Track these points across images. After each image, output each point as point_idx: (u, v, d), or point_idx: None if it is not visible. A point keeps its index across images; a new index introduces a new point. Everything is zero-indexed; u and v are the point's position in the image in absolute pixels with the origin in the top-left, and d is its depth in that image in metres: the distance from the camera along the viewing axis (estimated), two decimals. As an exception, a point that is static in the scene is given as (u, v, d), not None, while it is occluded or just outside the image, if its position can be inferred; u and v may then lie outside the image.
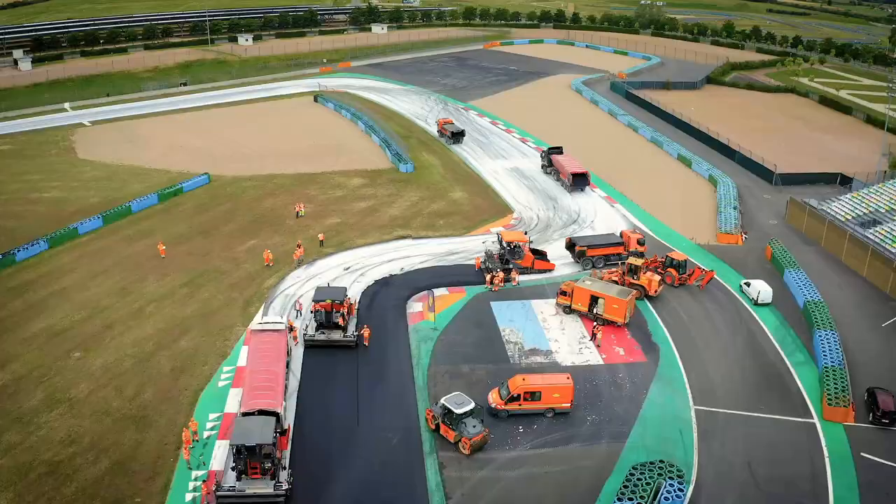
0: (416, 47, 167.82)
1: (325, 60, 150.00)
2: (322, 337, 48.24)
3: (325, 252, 62.35)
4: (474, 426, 38.65)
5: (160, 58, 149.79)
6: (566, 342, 49.97)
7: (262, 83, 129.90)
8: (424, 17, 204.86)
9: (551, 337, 50.42)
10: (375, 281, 57.08)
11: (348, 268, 59.32)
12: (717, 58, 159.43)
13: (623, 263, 57.78)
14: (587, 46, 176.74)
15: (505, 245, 58.72)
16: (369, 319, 51.29)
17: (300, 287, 56.11)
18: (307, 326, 49.33)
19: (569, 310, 52.81)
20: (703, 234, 68.62)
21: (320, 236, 63.66)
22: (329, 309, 48.77)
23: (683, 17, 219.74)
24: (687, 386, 46.22)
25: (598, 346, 49.31)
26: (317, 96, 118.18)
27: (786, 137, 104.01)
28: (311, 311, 49.29)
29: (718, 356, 49.59)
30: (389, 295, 55.07)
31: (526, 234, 61.54)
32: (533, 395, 40.97)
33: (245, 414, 37.43)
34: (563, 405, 41.61)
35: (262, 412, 37.09)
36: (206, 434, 40.63)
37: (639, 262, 55.43)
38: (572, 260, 60.48)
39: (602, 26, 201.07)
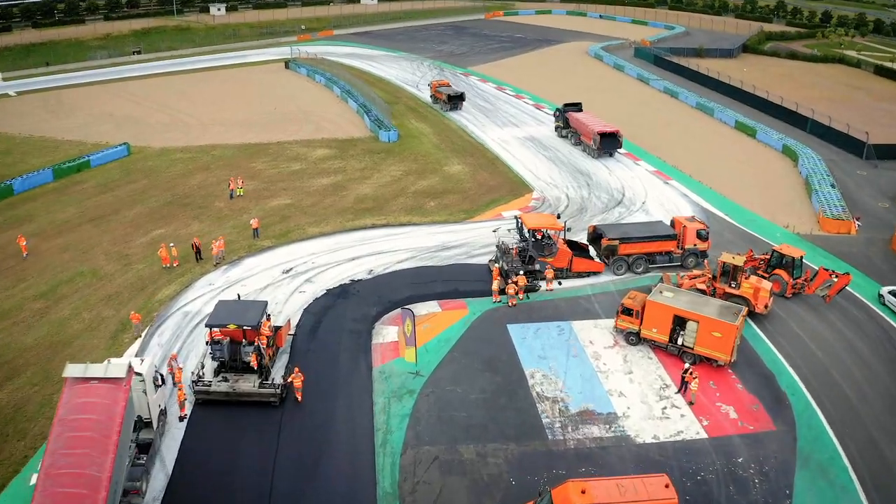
0: (408, 16, 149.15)
1: (302, 27, 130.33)
2: (223, 387, 28.44)
3: (260, 245, 42.47)
4: None
5: (114, 26, 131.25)
6: (638, 396, 29.93)
7: (229, 51, 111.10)
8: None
9: (612, 387, 30.34)
10: (327, 291, 37.07)
11: (289, 269, 39.35)
12: (749, 28, 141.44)
13: (698, 261, 38.11)
14: (600, 17, 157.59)
15: (528, 235, 38.79)
16: (309, 357, 31.47)
17: (211, 300, 36.18)
18: (201, 368, 29.40)
19: (636, 338, 32.90)
20: (795, 219, 48.97)
21: (253, 223, 43.73)
22: (240, 338, 29.06)
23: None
24: (853, 476, 26.46)
25: (691, 404, 29.46)
26: (288, 62, 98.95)
27: (854, 107, 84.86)
28: (208, 342, 29.43)
29: (886, 415, 29.82)
30: (346, 314, 34.90)
31: (559, 217, 41.24)
32: (602, 525, 20.97)
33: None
34: (659, 538, 21.67)
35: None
36: None
37: (739, 259, 35.46)
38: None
39: (614, 0, 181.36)
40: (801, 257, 38.30)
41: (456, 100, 74.87)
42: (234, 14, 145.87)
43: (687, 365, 29.87)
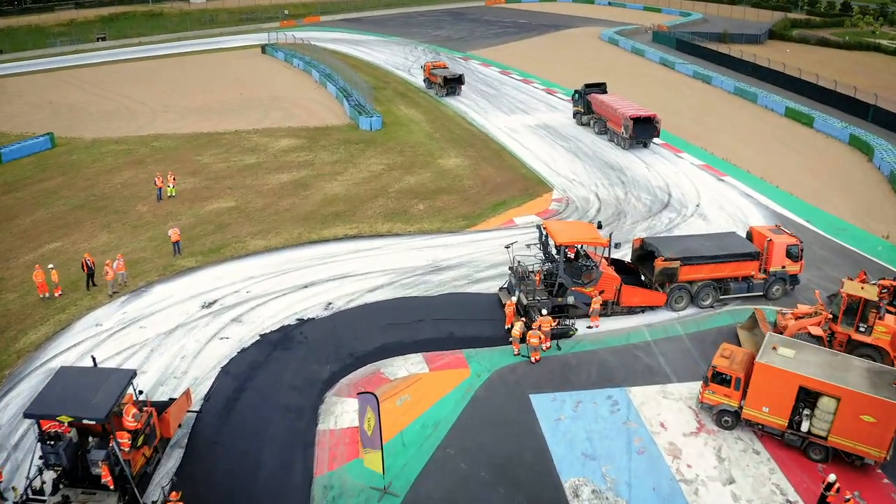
0: (401, 2, 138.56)
1: (285, 12, 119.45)
2: (58, 520, 17.01)
3: (179, 266, 30.88)
4: None
5: (80, 12, 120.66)
6: (751, 527, 18.48)
7: (203, 37, 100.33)
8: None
9: (708, 511, 18.84)
10: (262, 336, 25.47)
11: (212, 302, 27.79)
12: (772, 16, 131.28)
13: (787, 290, 26.60)
14: (609, 3, 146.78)
15: (556, 252, 27.19)
16: (215, 455, 19.93)
17: (94, 348, 24.71)
18: (39, 474, 17.90)
19: (733, 419, 21.35)
20: (893, 227, 37.56)
21: (172, 234, 32.03)
22: (101, 431, 17.61)
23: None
24: None
25: (838, 539, 18.00)
26: (265, 47, 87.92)
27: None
28: (38, 438, 17.88)
29: None
30: (283, 377, 23.17)
31: (601, 227, 29.26)
32: None
33: None
34: None
35: None
36: None
37: (870, 291, 23.94)
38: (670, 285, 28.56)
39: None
40: (940, 285, 26.88)
41: (453, 83, 63.45)
42: (214, 1, 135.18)
43: (832, 477, 18.18)
